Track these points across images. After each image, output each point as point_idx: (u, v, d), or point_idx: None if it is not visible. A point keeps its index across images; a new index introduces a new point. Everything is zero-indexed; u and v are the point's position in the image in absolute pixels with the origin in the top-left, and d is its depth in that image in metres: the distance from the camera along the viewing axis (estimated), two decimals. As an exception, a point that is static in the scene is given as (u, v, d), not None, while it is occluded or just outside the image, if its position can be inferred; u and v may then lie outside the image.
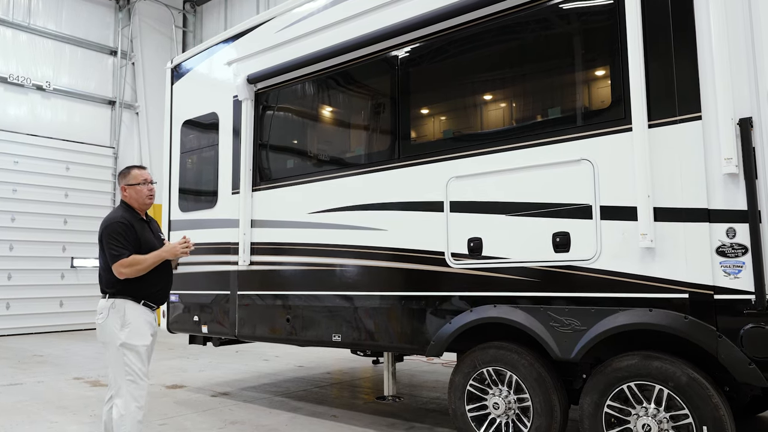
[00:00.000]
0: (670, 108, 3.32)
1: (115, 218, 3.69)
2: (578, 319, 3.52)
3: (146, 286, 3.65)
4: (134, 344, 3.56)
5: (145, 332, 3.63)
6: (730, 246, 3.07)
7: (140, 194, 3.78)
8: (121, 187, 3.82)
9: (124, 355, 3.54)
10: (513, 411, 3.86)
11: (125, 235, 3.62)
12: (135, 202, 3.80)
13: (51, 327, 13.84)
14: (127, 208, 3.80)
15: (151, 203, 3.87)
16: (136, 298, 3.64)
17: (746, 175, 3.03)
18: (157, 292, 3.75)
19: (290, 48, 5.35)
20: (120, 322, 3.58)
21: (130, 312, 3.61)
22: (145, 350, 3.61)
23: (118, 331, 3.57)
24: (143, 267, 3.59)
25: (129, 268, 3.56)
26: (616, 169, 3.47)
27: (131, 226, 3.66)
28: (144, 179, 3.80)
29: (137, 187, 3.77)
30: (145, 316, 3.68)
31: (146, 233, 3.76)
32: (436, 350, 4.17)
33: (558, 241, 3.64)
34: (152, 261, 3.62)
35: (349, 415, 5.38)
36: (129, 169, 3.86)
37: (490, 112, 4.22)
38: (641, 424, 3.29)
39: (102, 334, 3.65)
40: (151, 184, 3.83)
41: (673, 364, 3.21)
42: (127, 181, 3.79)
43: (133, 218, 3.74)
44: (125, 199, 3.82)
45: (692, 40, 3.28)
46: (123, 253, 3.57)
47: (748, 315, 3.00)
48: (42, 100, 14.49)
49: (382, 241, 4.55)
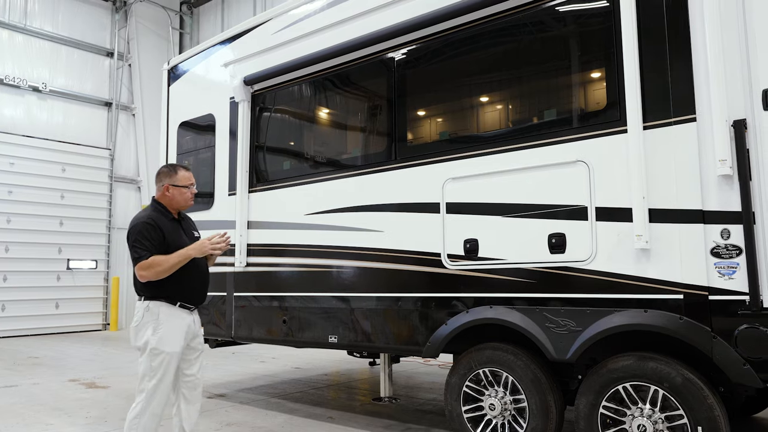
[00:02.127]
0: (665, 110, 3.33)
1: (141, 219, 3.55)
2: (574, 320, 3.53)
3: (179, 287, 3.50)
4: (163, 350, 3.43)
5: (177, 338, 3.49)
6: (724, 247, 3.09)
7: (182, 196, 3.66)
8: (164, 185, 3.65)
9: (152, 359, 3.43)
10: (509, 412, 3.87)
11: (148, 236, 3.45)
12: (174, 203, 3.66)
13: (47, 329, 13.79)
14: (158, 207, 3.65)
15: (191, 205, 3.77)
16: (172, 300, 3.51)
17: (740, 177, 3.04)
18: (193, 292, 3.60)
19: (287, 50, 5.36)
20: (153, 326, 3.46)
21: (164, 315, 3.48)
22: (175, 358, 3.47)
23: (150, 335, 3.44)
24: (164, 268, 3.42)
25: (148, 270, 3.41)
26: (611, 170, 3.49)
27: (156, 227, 3.49)
28: (191, 183, 3.71)
29: (182, 189, 3.65)
30: (181, 319, 3.54)
31: (176, 233, 3.61)
32: (432, 351, 4.18)
33: (554, 243, 3.66)
34: (176, 261, 3.44)
35: (346, 417, 5.38)
36: (175, 169, 3.71)
37: (486, 114, 4.23)
38: (637, 424, 3.30)
39: (135, 337, 3.51)
40: (193, 188, 3.73)
41: (668, 365, 3.22)
42: (173, 182, 3.65)
43: (162, 218, 3.59)
44: (161, 199, 3.67)
45: (687, 42, 3.29)
46: (143, 255, 3.42)
47: (742, 316, 3.01)
48: (38, 101, 14.45)
49: (378, 243, 4.56)
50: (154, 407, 3.47)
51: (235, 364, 8.63)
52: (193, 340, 3.67)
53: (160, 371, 3.44)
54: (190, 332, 3.60)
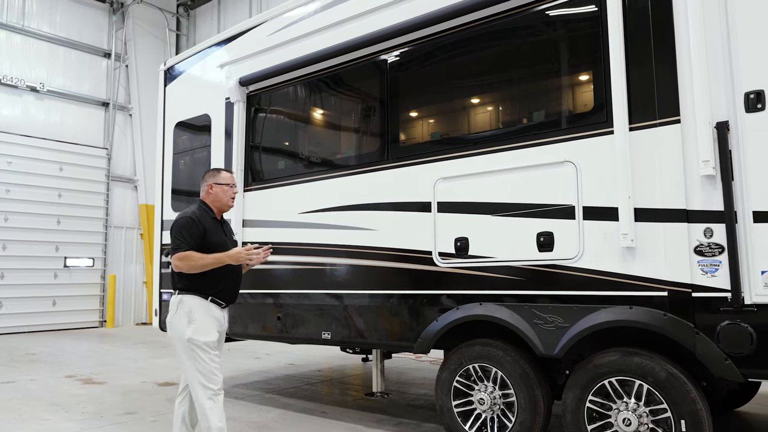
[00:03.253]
0: (651, 112, 3.37)
1: (185, 214, 3.64)
2: (561, 317, 3.56)
3: (211, 284, 3.56)
4: (201, 339, 3.48)
5: (211, 328, 3.55)
6: (707, 245, 3.12)
7: (225, 194, 3.74)
8: (208, 185, 3.75)
9: (192, 350, 3.48)
10: (498, 406, 3.89)
11: (189, 229, 3.53)
12: (217, 202, 3.74)
13: (44, 326, 13.72)
14: (202, 206, 3.74)
15: (231, 207, 3.84)
16: (204, 295, 3.57)
17: (723, 177, 3.08)
18: (224, 290, 3.64)
19: (282, 51, 5.36)
20: (187, 319, 3.51)
21: (196, 308, 3.53)
22: (212, 346, 3.53)
23: (185, 327, 3.50)
24: (197, 264, 3.47)
25: (182, 261, 3.47)
26: (598, 170, 3.52)
27: (199, 222, 3.57)
28: (233, 182, 3.80)
29: (224, 187, 3.74)
30: (213, 312, 3.59)
31: (218, 233, 3.67)
32: (423, 347, 4.19)
33: (542, 241, 3.68)
34: (210, 261, 3.49)
35: (339, 412, 5.39)
36: (219, 171, 3.85)
37: (477, 115, 4.26)
38: (622, 418, 3.33)
39: (170, 329, 3.59)
40: (235, 188, 3.82)
41: (652, 360, 3.25)
42: (217, 180, 3.75)
43: (206, 216, 3.67)
44: (206, 198, 3.76)
45: (671, 47, 3.33)
46: (181, 246, 3.49)
47: (724, 312, 3.04)
48: (36, 101, 14.37)
49: (371, 241, 4.57)
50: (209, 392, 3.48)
51: (230, 361, 8.62)
52: (221, 336, 3.71)
53: (202, 360, 3.48)
54: (220, 328, 3.65)
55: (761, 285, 2.95)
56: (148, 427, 4.95)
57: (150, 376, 7.49)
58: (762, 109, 3.01)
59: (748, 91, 3.06)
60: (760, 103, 3.02)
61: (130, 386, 6.78)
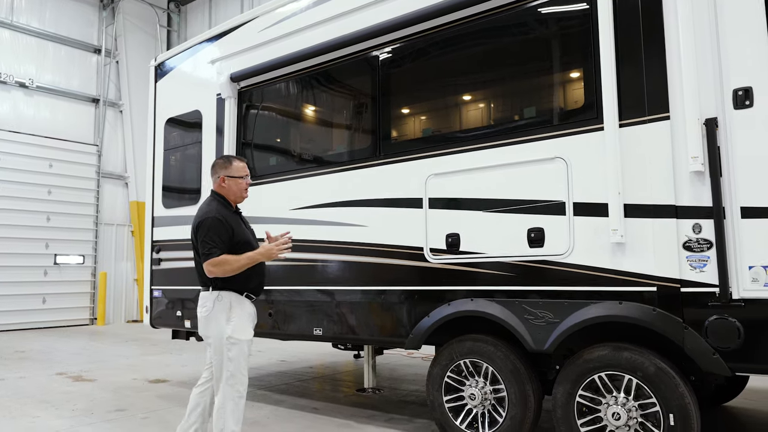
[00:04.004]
0: (640, 109, 3.38)
1: (210, 213, 3.48)
2: (552, 312, 3.57)
3: (248, 278, 3.50)
4: (239, 338, 3.43)
5: (248, 327, 3.51)
6: (696, 241, 3.14)
7: (239, 187, 3.62)
8: (220, 177, 3.61)
9: (229, 349, 3.42)
10: (489, 401, 3.90)
11: (219, 232, 3.42)
12: (231, 195, 3.63)
13: (34, 323, 13.62)
14: (220, 199, 3.61)
15: (246, 197, 3.71)
16: (240, 290, 3.52)
17: (711, 173, 3.09)
18: (257, 283, 3.61)
19: (273, 47, 5.34)
20: (226, 315, 3.45)
21: (236, 305, 3.48)
22: (248, 345, 3.49)
23: (224, 325, 3.43)
24: (233, 268, 3.40)
25: (218, 267, 3.38)
26: (588, 167, 3.53)
27: (226, 223, 3.46)
28: (246, 173, 3.65)
29: (238, 179, 3.60)
30: (248, 308, 3.55)
31: (241, 227, 3.59)
32: (414, 343, 4.20)
33: (533, 237, 3.69)
34: (244, 263, 3.42)
35: (330, 408, 5.39)
36: (230, 160, 3.65)
37: (468, 112, 4.26)
38: (611, 412, 3.35)
39: (206, 327, 3.49)
40: (248, 178, 3.67)
41: (641, 355, 3.27)
42: (229, 173, 3.60)
43: (228, 212, 3.57)
44: (220, 191, 3.63)
45: (661, 44, 3.34)
46: (214, 252, 3.38)
47: (712, 307, 3.07)
48: (25, 97, 14.24)
49: (362, 237, 4.56)
50: (234, 393, 3.45)
51: (222, 358, 8.59)
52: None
53: (236, 360, 3.43)
54: (255, 322, 3.62)
55: (749, 280, 2.97)
56: (139, 424, 4.92)
57: (141, 373, 7.46)
58: (750, 105, 3.03)
59: (736, 87, 3.07)
60: (749, 100, 3.03)
61: (121, 383, 6.75)
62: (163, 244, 6.29)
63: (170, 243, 6.19)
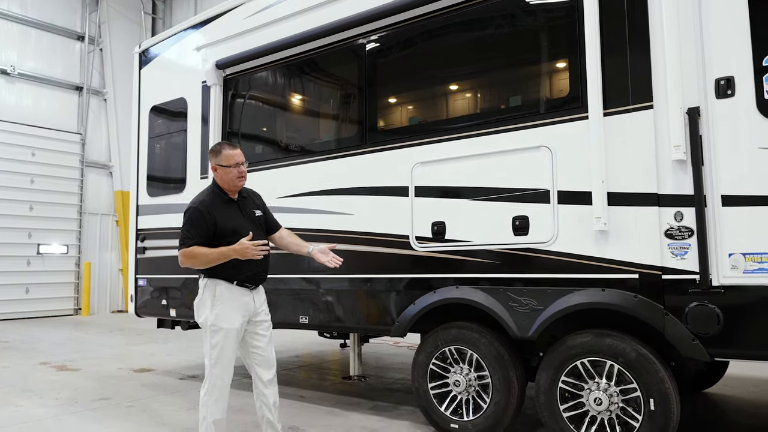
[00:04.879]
0: (624, 98, 3.40)
1: (195, 203, 3.46)
2: (535, 299, 3.60)
3: (238, 266, 3.43)
4: (221, 326, 3.39)
5: (234, 315, 3.44)
6: (677, 229, 3.18)
7: (229, 176, 3.50)
8: (212, 166, 3.56)
9: (211, 336, 3.40)
10: (473, 388, 3.94)
11: (196, 223, 3.38)
12: (224, 184, 3.54)
13: (16, 314, 13.47)
14: (215, 189, 3.55)
15: (242, 185, 3.60)
16: (230, 279, 3.46)
17: (693, 162, 3.13)
18: (251, 272, 3.51)
19: (258, 34, 5.29)
20: (210, 303, 3.43)
21: (220, 292, 3.44)
22: (233, 334, 3.43)
23: (208, 312, 3.42)
24: (201, 262, 3.36)
25: (187, 259, 3.36)
26: (572, 155, 3.55)
27: (207, 214, 3.39)
28: (235, 162, 3.50)
29: (227, 168, 3.50)
30: (239, 297, 3.48)
31: (230, 217, 3.48)
32: (400, 330, 4.21)
33: (517, 225, 3.71)
34: (215, 257, 3.34)
35: (317, 396, 5.41)
36: (220, 148, 3.55)
37: (455, 101, 4.26)
38: (593, 398, 3.39)
39: (196, 313, 3.51)
40: (241, 166, 3.53)
41: (623, 341, 3.32)
42: (218, 162, 3.50)
43: (217, 201, 3.49)
44: (215, 179, 3.57)
45: (645, 34, 3.36)
46: (186, 242, 3.36)
47: (692, 294, 3.11)
48: (6, 84, 14.01)
49: (348, 225, 4.56)
50: (217, 381, 3.44)
51: (208, 347, 8.57)
52: (256, 316, 3.59)
53: (218, 347, 3.41)
54: (249, 310, 3.53)
55: (728, 267, 3.02)
56: (124, 412, 4.90)
57: (126, 362, 7.42)
58: (732, 95, 3.06)
59: (718, 77, 3.10)
60: (730, 90, 3.07)
61: (106, 372, 6.71)
62: (147, 232, 6.24)
63: (155, 231, 6.15)
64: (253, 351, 3.60)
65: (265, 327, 3.65)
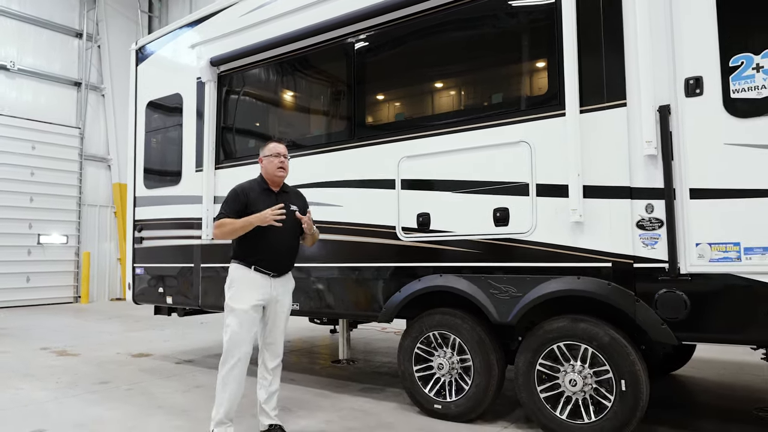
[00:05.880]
0: (599, 96, 3.43)
1: (238, 184, 3.69)
2: (515, 287, 3.64)
3: (251, 252, 3.55)
4: (233, 306, 3.49)
5: (246, 297, 3.50)
6: (648, 220, 3.22)
7: (271, 165, 3.64)
8: (259, 158, 3.73)
9: (226, 316, 3.52)
10: (456, 371, 3.98)
11: (230, 199, 3.59)
12: (267, 174, 3.69)
13: (17, 302, 13.35)
14: (258, 178, 3.74)
15: (282, 176, 3.68)
16: (247, 264, 3.55)
17: (664, 157, 3.17)
18: (270, 259, 3.56)
19: (253, 32, 5.26)
20: (229, 284, 3.56)
21: (236, 274, 3.56)
22: (244, 314, 3.47)
23: (226, 292, 3.55)
24: (228, 230, 3.48)
25: (217, 228, 3.52)
26: (550, 150, 3.58)
27: (242, 194, 3.59)
28: (277, 152, 3.66)
29: (270, 158, 3.65)
30: (256, 281, 3.54)
31: (261, 203, 3.56)
32: (387, 316, 4.24)
33: (498, 216, 3.74)
34: (239, 225, 3.46)
35: (307, 379, 5.43)
36: (268, 142, 3.77)
37: (439, 98, 4.27)
38: (569, 379, 3.44)
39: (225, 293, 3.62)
40: (283, 158, 3.67)
41: (597, 326, 3.37)
42: (264, 153, 3.70)
43: (255, 188, 3.65)
44: (261, 170, 3.74)
45: (620, 36, 3.39)
46: (219, 215, 3.56)
47: (662, 281, 3.16)
48: (6, 79, 13.80)
49: (338, 217, 4.57)
50: (228, 357, 3.51)
51: (203, 333, 8.55)
52: (275, 304, 3.62)
53: (231, 326, 3.49)
54: (264, 296, 3.56)
55: (695, 256, 3.07)
56: (124, 395, 4.90)
57: (124, 347, 7.39)
58: (700, 94, 3.10)
59: (688, 77, 3.14)
60: (699, 89, 3.11)
61: (105, 357, 6.68)
62: (144, 223, 6.21)
63: (152, 222, 6.12)
64: (265, 337, 3.70)
65: (282, 318, 3.70)
